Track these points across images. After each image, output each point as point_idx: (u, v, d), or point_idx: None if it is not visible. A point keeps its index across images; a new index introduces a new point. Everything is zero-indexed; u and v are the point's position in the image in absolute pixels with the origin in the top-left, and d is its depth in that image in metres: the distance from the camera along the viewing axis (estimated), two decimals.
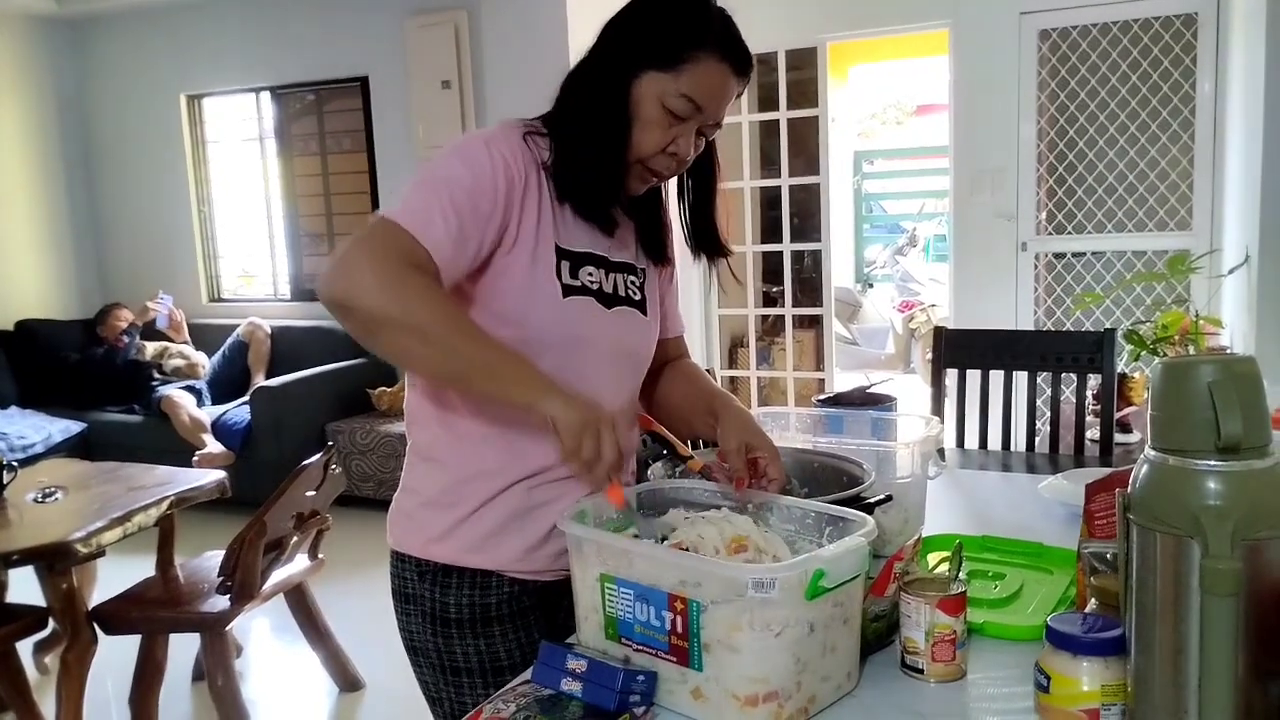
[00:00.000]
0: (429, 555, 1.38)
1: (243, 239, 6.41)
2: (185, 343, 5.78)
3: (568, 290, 1.33)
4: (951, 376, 2.68)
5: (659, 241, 1.47)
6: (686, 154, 1.32)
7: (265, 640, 3.70)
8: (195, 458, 4.87)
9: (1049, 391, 2.67)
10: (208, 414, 5.20)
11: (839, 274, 7.01)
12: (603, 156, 1.30)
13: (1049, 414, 2.65)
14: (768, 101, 5.34)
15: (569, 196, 1.32)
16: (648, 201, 1.43)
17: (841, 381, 5.62)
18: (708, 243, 1.46)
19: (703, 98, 1.28)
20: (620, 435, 1.21)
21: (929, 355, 3.90)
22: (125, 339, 5.58)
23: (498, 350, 1.22)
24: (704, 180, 1.44)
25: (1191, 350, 3.14)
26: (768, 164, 5.62)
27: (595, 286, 1.36)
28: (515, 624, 1.39)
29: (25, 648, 3.07)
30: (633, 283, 1.43)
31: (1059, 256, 4.76)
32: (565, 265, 1.33)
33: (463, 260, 1.24)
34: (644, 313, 1.44)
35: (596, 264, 1.37)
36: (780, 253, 5.42)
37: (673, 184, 1.44)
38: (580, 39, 1.78)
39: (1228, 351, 3.65)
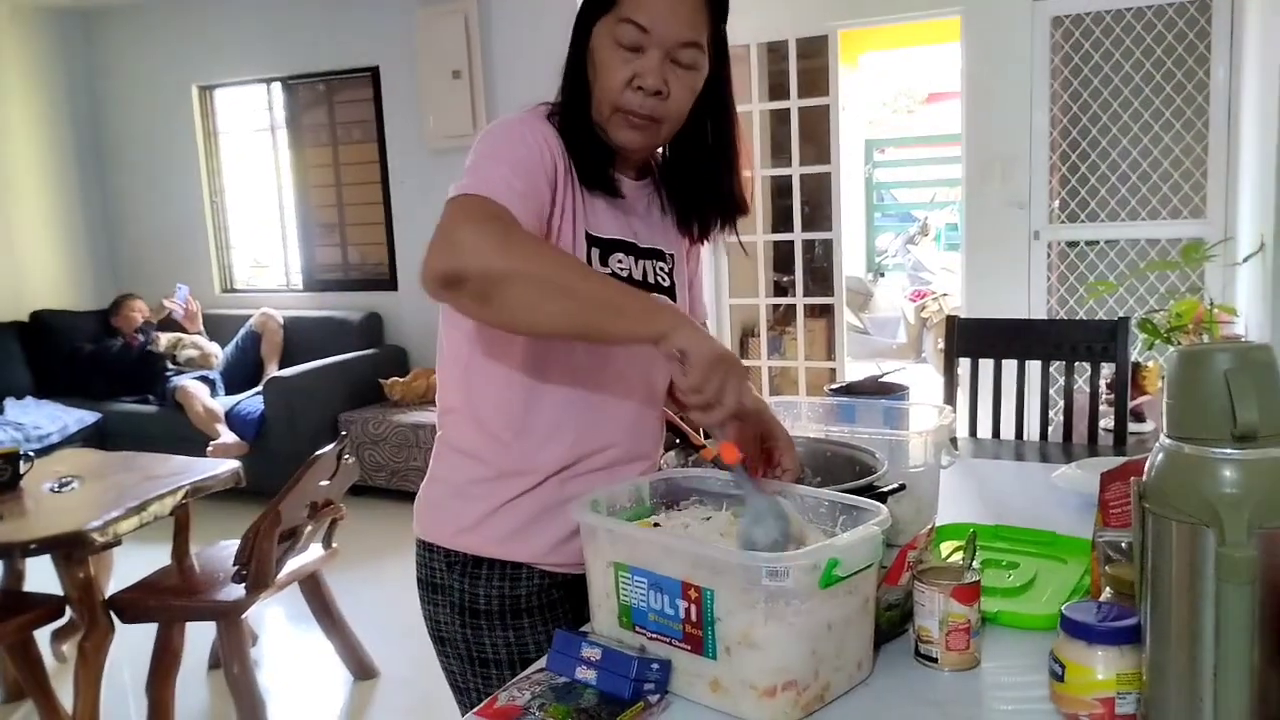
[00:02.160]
0: (459, 546, 1.37)
1: (255, 229, 6.43)
2: (199, 333, 5.81)
3: None
4: (964, 365, 2.68)
5: (700, 213, 1.43)
6: (655, 85, 1.26)
7: (280, 629, 3.72)
8: (209, 447, 4.90)
9: (1062, 380, 2.66)
10: (221, 404, 5.23)
11: (850, 263, 7.00)
12: (573, 106, 1.31)
13: (1062, 403, 2.64)
14: (778, 90, 5.33)
15: (578, 169, 1.31)
16: (683, 171, 1.40)
17: (853, 371, 5.61)
18: (725, 198, 1.41)
19: (646, 18, 1.24)
20: (744, 389, 1.15)
21: (941, 344, 3.89)
22: (140, 336, 5.60)
23: (617, 287, 1.19)
24: (717, 125, 1.38)
25: (1206, 339, 3.12)
26: (778, 153, 5.60)
27: (625, 274, 1.35)
28: (544, 616, 1.39)
29: (43, 636, 3.09)
30: (662, 269, 1.41)
31: (1072, 245, 4.73)
32: (595, 252, 1.33)
33: (530, 225, 1.22)
34: (674, 299, 1.43)
35: (626, 250, 1.36)
36: (791, 242, 5.40)
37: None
38: None
39: (1243, 340, 3.64)
